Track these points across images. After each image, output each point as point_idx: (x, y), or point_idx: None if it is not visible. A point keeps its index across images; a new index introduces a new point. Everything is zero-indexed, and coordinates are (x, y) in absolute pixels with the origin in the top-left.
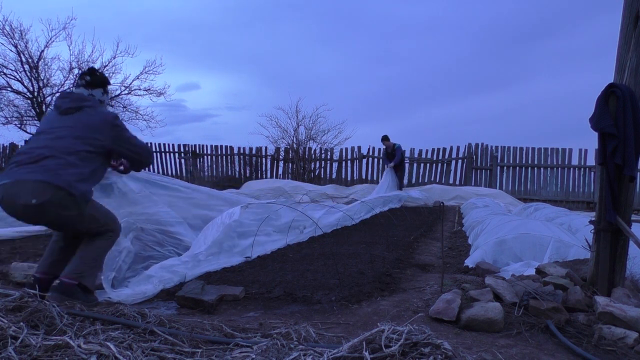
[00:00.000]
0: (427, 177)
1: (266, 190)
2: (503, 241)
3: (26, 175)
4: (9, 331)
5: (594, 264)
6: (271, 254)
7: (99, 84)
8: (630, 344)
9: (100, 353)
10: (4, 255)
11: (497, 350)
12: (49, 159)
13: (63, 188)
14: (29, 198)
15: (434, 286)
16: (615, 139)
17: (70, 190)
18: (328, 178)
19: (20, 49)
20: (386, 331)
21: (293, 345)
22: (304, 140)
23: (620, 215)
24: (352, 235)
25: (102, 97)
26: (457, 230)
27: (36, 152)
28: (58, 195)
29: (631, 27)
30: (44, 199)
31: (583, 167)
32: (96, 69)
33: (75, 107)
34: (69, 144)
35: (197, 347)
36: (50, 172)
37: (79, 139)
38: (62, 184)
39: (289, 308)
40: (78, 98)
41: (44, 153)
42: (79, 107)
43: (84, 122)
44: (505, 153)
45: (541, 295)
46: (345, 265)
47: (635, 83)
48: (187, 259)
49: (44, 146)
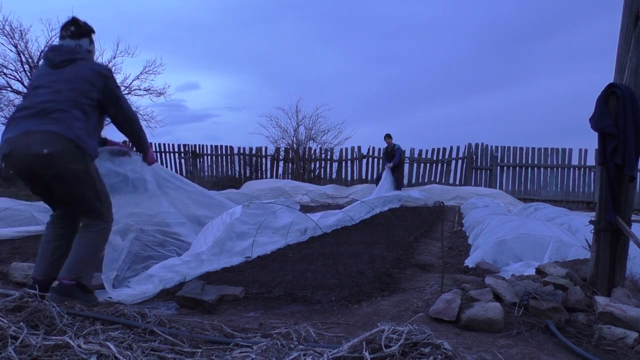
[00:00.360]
0: (427, 177)
1: (266, 190)
2: (503, 241)
3: (36, 127)
4: (9, 331)
5: (594, 264)
6: (271, 254)
7: (85, 33)
8: (630, 344)
9: (100, 353)
10: (4, 255)
11: (497, 350)
12: (57, 112)
13: (73, 140)
14: (40, 148)
15: (434, 286)
16: (615, 139)
17: (79, 143)
18: (328, 178)
19: (20, 49)
20: (386, 331)
21: (293, 345)
22: (304, 140)
23: (620, 215)
24: (352, 235)
25: (89, 47)
26: (457, 230)
27: (40, 106)
28: (69, 147)
29: (631, 27)
30: (54, 149)
31: (583, 167)
32: (78, 18)
33: (68, 60)
34: (71, 97)
35: (197, 347)
36: (61, 124)
37: (78, 92)
38: (72, 136)
39: (289, 308)
40: (69, 50)
41: (50, 107)
42: (72, 59)
43: (79, 75)
44: (505, 153)
45: (541, 295)
46: (345, 265)
47: (635, 83)
48: (188, 259)
49: (48, 100)
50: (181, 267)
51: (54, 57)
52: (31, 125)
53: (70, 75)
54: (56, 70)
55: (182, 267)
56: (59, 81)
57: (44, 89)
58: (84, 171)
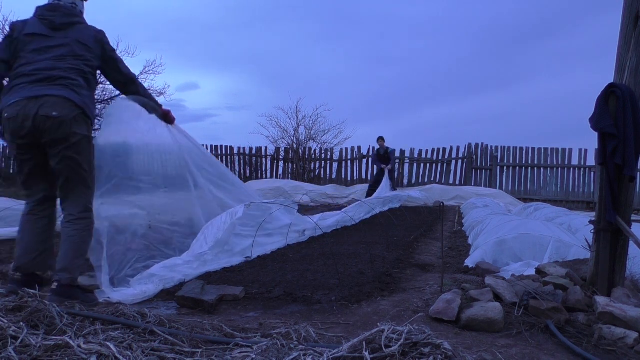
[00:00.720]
0: (427, 177)
1: (266, 190)
2: (503, 241)
3: (45, 91)
4: (9, 331)
5: (594, 264)
6: (271, 254)
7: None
8: (630, 344)
9: (100, 353)
10: (4, 255)
11: (497, 350)
12: (63, 79)
13: (82, 108)
14: (49, 110)
15: (434, 286)
16: (615, 139)
17: (86, 110)
18: (328, 178)
19: None
20: (386, 331)
21: (293, 345)
22: (304, 140)
23: (620, 215)
24: (352, 235)
25: (82, 8)
26: (457, 230)
27: (44, 73)
28: (76, 112)
29: (631, 27)
30: (63, 113)
31: (583, 167)
32: None
33: (68, 23)
34: (75, 65)
35: (197, 347)
36: (70, 90)
37: (80, 59)
38: (81, 104)
39: (289, 308)
40: (68, 13)
41: (54, 74)
42: (71, 22)
43: (78, 40)
44: (505, 153)
45: (541, 295)
46: (345, 265)
47: (635, 83)
48: (190, 259)
49: (52, 67)
50: (182, 267)
51: (55, 18)
52: (39, 90)
53: (70, 40)
54: (56, 33)
55: (184, 267)
56: (61, 46)
57: (45, 54)
58: (87, 139)
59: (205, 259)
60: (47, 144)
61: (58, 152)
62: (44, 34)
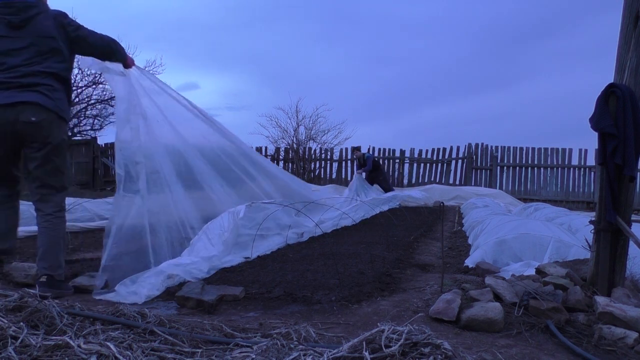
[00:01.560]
0: (427, 177)
1: None
2: (503, 241)
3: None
4: (9, 331)
5: (594, 264)
6: (271, 254)
7: None
8: (630, 344)
9: (100, 353)
10: None
11: (497, 350)
12: (36, 85)
13: (55, 112)
14: (28, 116)
15: (434, 286)
16: (615, 139)
17: (61, 114)
18: (328, 178)
19: None
20: (386, 331)
21: (293, 345)
22: (304, 140)
23: (620, 215)
24: (352, 235)
25: None
26: (457, 230)
27: (16, 81)
28: (51, 116)
29: (631, 27)
30: (41, 117)
31: (583, 167)
32: None
33: (27, 19)
34: (44, 67)
35: (197, 347)
36: (43, 95)
37: (48, 58)
38: (54, 107)
39: (289, 308)
40: (25, 6)
41: (25, 81)
42: (30, 17)
43: (42, 35)
44: (505, 153)
45: (541, 295)
46: (345, 265)
47: (635, 83)
48: (197, 259)
49: (22, 74)
50: (189, 267)
51: (11, 17)
52: (14, 96)
53: (34, 38)
54: (17, 32)
55: (191, 268)
56: (25, 48)
57: (10, 57)
58: (64, 142)
59: (214, 262)
60: (26, 148)
61: (36, 156)
62: (3, 35)
